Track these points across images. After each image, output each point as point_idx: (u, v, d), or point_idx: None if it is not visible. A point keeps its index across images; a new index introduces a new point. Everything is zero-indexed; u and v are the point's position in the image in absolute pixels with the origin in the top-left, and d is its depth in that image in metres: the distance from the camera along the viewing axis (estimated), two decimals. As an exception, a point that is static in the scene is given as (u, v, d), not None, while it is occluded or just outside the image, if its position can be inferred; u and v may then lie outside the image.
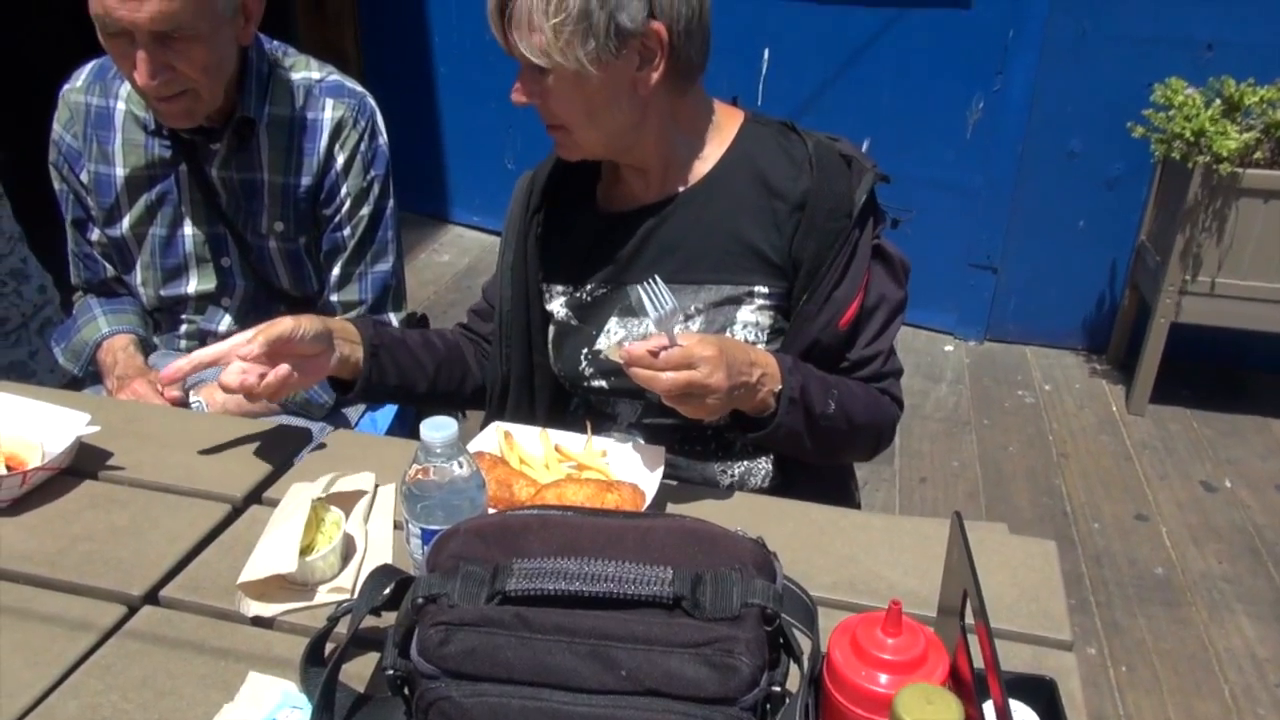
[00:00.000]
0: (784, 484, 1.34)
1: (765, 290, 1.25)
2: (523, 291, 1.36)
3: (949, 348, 3.56)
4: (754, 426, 1.20)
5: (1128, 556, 2.52)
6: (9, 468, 1.17)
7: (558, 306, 1.35)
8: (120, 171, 1.60)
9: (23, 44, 4.76)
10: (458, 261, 4.11)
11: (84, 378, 1.92)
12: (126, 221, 1.63)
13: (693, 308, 1.26)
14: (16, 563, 1.08)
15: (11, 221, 1.82)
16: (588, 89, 1.16)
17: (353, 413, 1.70)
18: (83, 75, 1.62)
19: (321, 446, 1.33)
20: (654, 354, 1.07)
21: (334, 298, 1.65)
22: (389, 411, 1.77)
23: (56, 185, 1.66)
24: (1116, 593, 2.40)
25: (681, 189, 1.28)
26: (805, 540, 1.14)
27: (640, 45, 1.13)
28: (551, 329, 1.38)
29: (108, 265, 1.71)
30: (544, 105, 1.20)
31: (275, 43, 1.61)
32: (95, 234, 1.68)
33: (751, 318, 1.26)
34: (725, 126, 1.29)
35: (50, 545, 1.11)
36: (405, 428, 1.83)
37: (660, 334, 1.09)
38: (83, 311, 1.71)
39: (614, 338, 1.30)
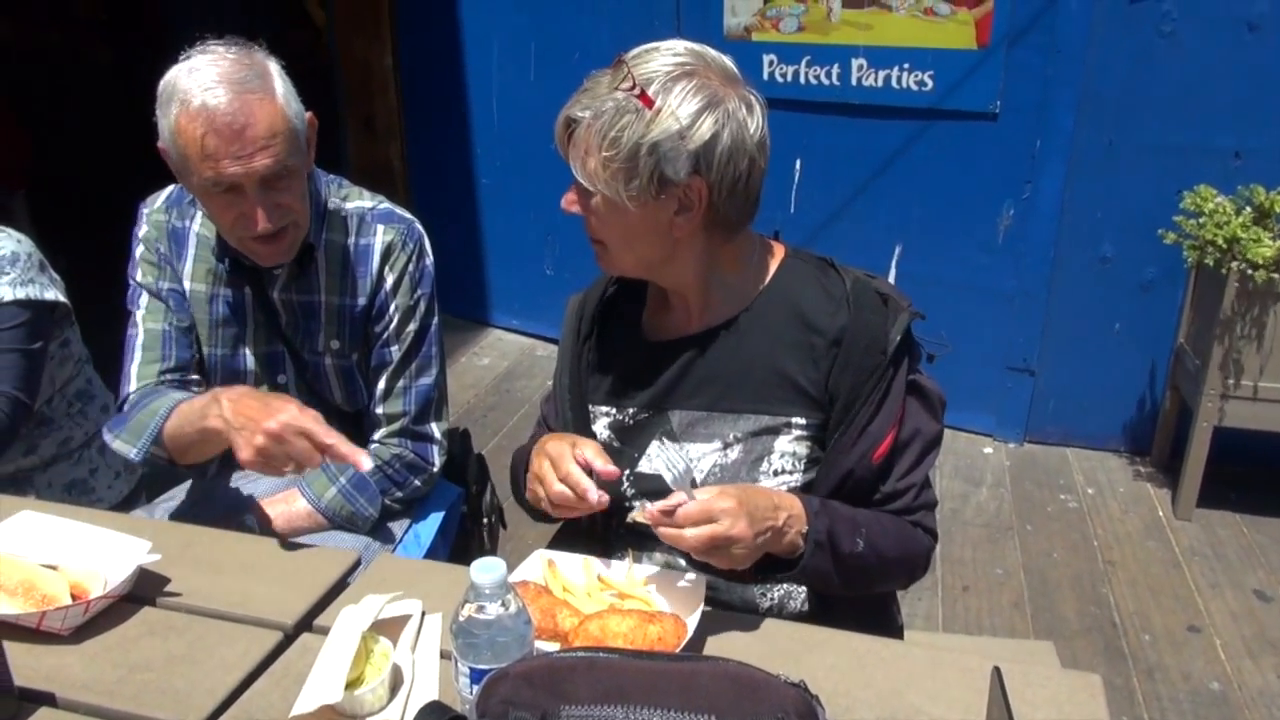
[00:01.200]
0: (823, 608, 1.35)
1: (802, 421, 1.29)
2: (581, 414, 1.40)
3: (988, 450, 3.54)
4: (782, 567, 1.23)
5: (1181, 670, 2.45)
6: (74, 597, 1.21)
7: (601, 428, 1.39)
8: (189, 288, 1.68)
9: (88, 172, 5.05)
10: (497, 365, 4.19)
11: (137, 494, 2.00)
12: (196, 336, 1.70)
13: (731, 436, 1.30)
14: (77, 692, 1.11)
15: (80, 345, 1.91)
16: (626, 219, 1.23)
17: (397, 528, 1.73)
18: (160, 198, 1.71)
19: (357, 565, 1.36)
20: (671, 511, 1.12)
21: (379, 410, 1.70)
22: (432, 524, 1.80)
23: (140, 277, 1.69)
24: (1171, 709, 2.33)
25: (722, 321, 1.33)
26: (846, 673, 1.14)
27: (681, 194, 1.20)
28: (595, 451, 1.41)
29: (178, 370, 1.77)
30: (587, 220, 1.28)
31: (332, 176, 1.71)
32: (175, 324, 1.71)
33: (789, 448, 1.29)
34: (766, 262, 1.34)
35: (109, 674, 1.14)
36: (447, 544, 1.85)
37: (679, 491, 1.14)
38: (153, 396, 1.63)
39: (655, 463, 1.34)
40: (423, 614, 1.23)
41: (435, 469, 1.74)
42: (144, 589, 1.28)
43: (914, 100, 3.29)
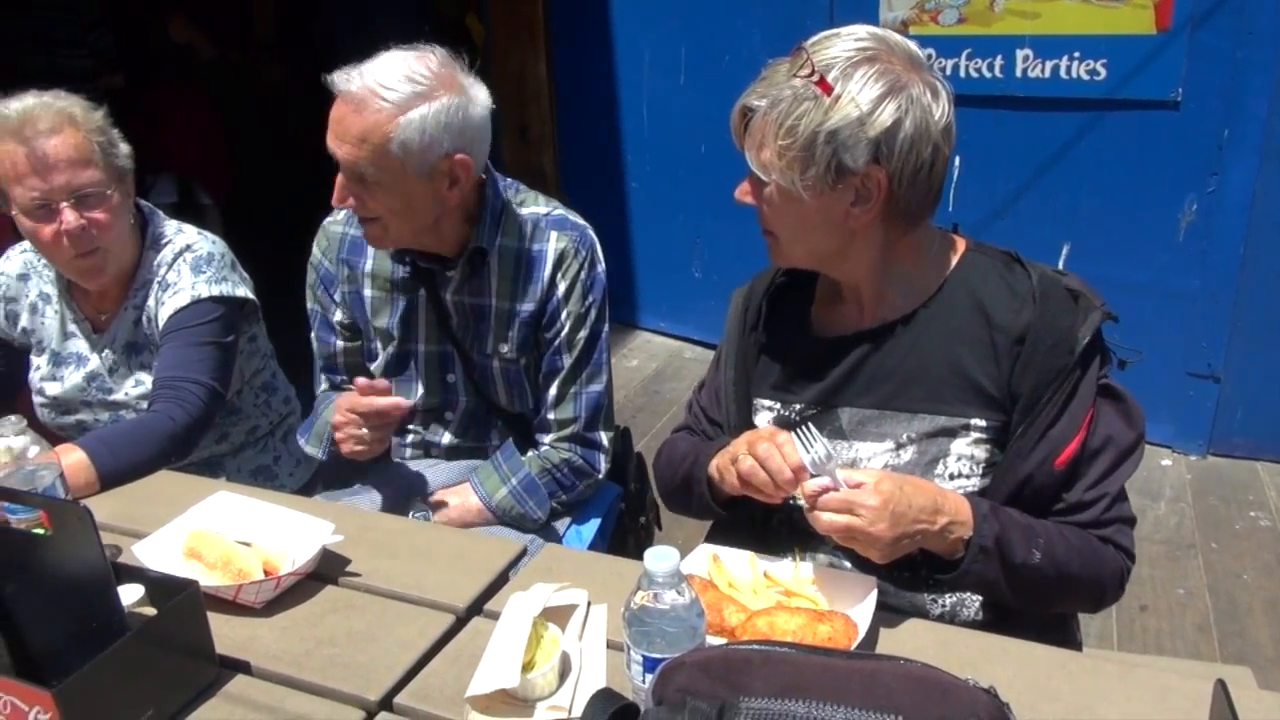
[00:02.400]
0: (998, 618, 1.28)
1: (981, 423, 1.23)
2: (745, 408, 1.39)
3: (1166, 462, 3.31)
4: (945, 569, 1.18)
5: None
6: (265, 573, 1.29)
7: (764, 422, 1.37)
8: (368, 292, 1.77)
9: (274, 188, 5.42)
10: (646, 366, 4.22)
11: (315, 481, 2.11)
12: (373, 335, 1.79)
13: (905, 436, 1.26)
14: (270, 662, 1.18)
15: (266, 340, 2.03)
16: (799, 209, 1.20)
17: (559, 525, 1.77)
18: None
19: (523, 555, 1.39)
20: (816, 493, 1.12)
21: (550, 415, 1.73)
22: (592, 525, 1.82)
23: (309, 304, 1.85)
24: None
25: (897, 316, 1.28)
26: (1030, 684, 1.08)
27: (859, 184, 1.17)
28: (758, 445, 1.40)
29: (347, 377, 1.88)
30: (760, 211, 1.27)
31: (509, 180, 1.75)
32: (339, 346, 1.84)
33: (966, 450, 1.23)
34: (946, 256, 1.29)
35: (297, 647, 1.21)
36: (605, 541, 1.87)
37: (826, 477, 1.13)
38: (323, 401, 1.85)
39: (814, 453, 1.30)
40: (588, 603, 1.24)
41: (600, 475, 1.77)
42: (327, 568, 1.35)
43: (1085, 90, 3.12)
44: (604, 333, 1.75)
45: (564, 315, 1.69)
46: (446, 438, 1.82)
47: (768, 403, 1.38)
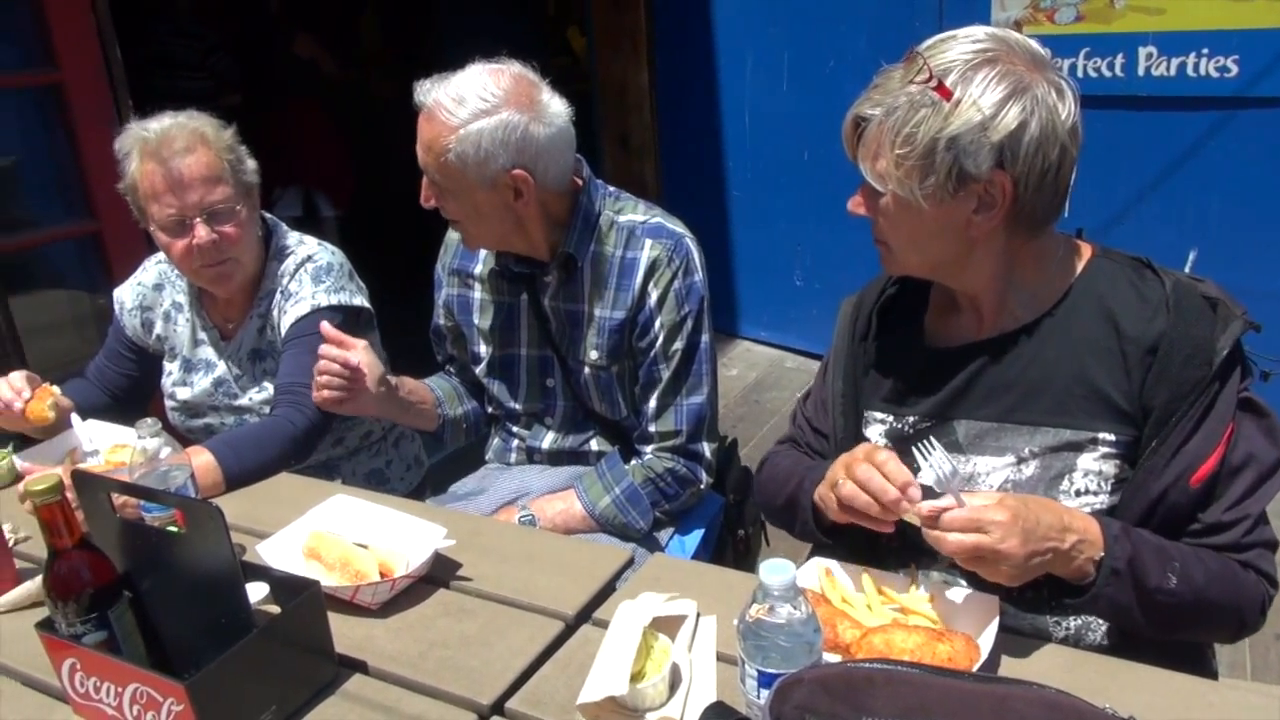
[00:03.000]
0: (1125, 643, 1.22)
1: (1111, 438, 1.17)
2: (854, 420, 1.36)
3: (1304, 481, 3.10)
4: (1072, 593, 1.12)
5: None
6: (381, 574, 1.32)
7: (876, 435, 1.34)
8: (476, 294, 1.82)
9: (388, 200, 5.61)
10: (746, 375, 4.19)
11: (424, 485, 2.16)
12: (478, 337, 1.83)
13: (1027, 450, 1.20)
14: (386, 663, 1.21)
15: (380, 348, 2.08)
16: (918, 218, 1.17)
17: (662, 535, 1.76)
18: None
19: (630, 564, 1.38)
20: (937, 513, 1.06)
21: (651, 428, 1.72)
22: (695, 536, 1.81)
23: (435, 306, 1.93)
24: None
25: (1018, 326, 1.23)
26: (1164, 714, 1.02)
27: (981, 190, 1.13)
28: (869, 459, 1.36)
29: (459, 372, 1.97)
30: (874, 221, 1.23)
31: (610, 189, 1.76)
32: (449, 347, 1.93)
33: (1094, 466, 1.17)
34: (1071, 262, 1.24)
35: (412, 649, 1.23)
36: (708, 552, 1.86)
37: (949, 494, 1.07)
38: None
39: (921, 463, 1.26)
40: (697, 614, 1.23)
41: (703, 485, 1.76)
42: (439, 572, 1.37)
43: (1214, 88, 2.97)
44: (703, 343, 1.73)
45: (658, 325, 1.69)
46: (547, 441, 1.84)
47: (879, 415, 1.34)
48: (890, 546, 1.34)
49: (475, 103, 1.52)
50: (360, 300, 1.94)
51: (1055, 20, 3.17)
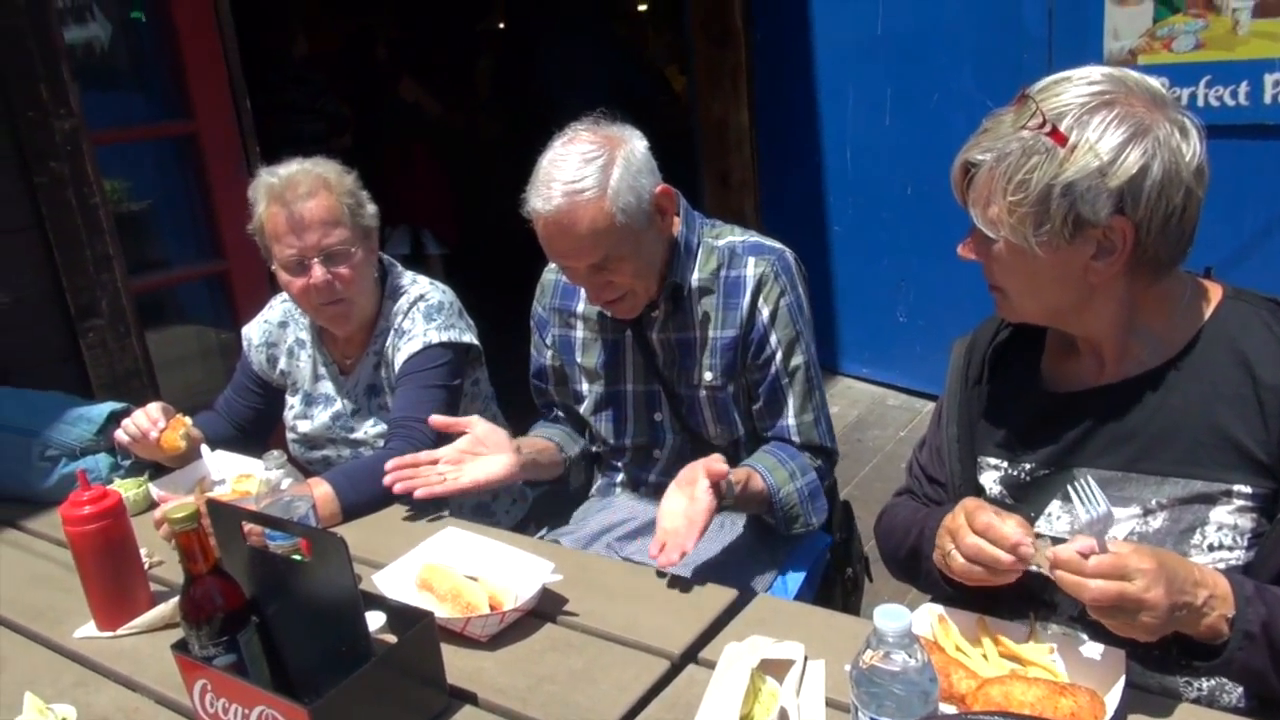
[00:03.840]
0: (1263, 706, 1.15)
1: (1247, 490, 1.11)
2: (970, 467, 1.33)
3: None
4: (1202, 654, 1.06)
5: None
6: (490, 607, 1.34)
7: (990, 482, 1.30)
8: (579, 334, 1.85)
9: (492, 239, 5.79)
10: (847, 413, 4.12)
11: (529, 519, 2.19)
12: (581, 376, 1.87)
13: (1154, 502, 1.15)
14: (495, 695, 1.23)
15: (488, 384, 2.14)
16: (1032, 265, 1.14)
17: (766, 576, 1.74)
18: None
19: (737, 602, 1.37)
20: (1083, 557, 1.00)
21: (796, 441, 1.73)
22: (799, 576, 1.79)
23: (531, 349, 1.96)
24: None
25: (1142, 371, 1.19)
26: (1314, 784, 0.96)
27: (1100, 236, 1.10)
28: (983, 505, 1.32)
29: (560, 413, 1.98)
30: (987, 267, 1.21)
31: (705, 219, 1.79)
32: (552, 387, 1.95)
33: (1228, 519, 1.12)
34: (1198, 305, 1.19)
35: (521, 682, 1.25)
36: (813, 592, 1.83)
37: (1089, 537, 1.01)
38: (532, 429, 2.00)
39: (1056, 524, 1.22)
40: (805, 658, 1.21)
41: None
42: (547, 606, 1.39)
43: (1350, 116, 2.82)
44: (815, 356, 1.76)
45: (774, 341, 1.70)
46: (654, 475, 1.85)
47: (993, 461, 1.31)
48: (1010, 592, 1.30)
49: (593, 166, 1.55)
50: (469, 337, 1.99)
51: (1173, 49, 3.07)
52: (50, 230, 2.35)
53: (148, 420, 1.82)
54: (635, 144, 1.61)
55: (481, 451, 1.67)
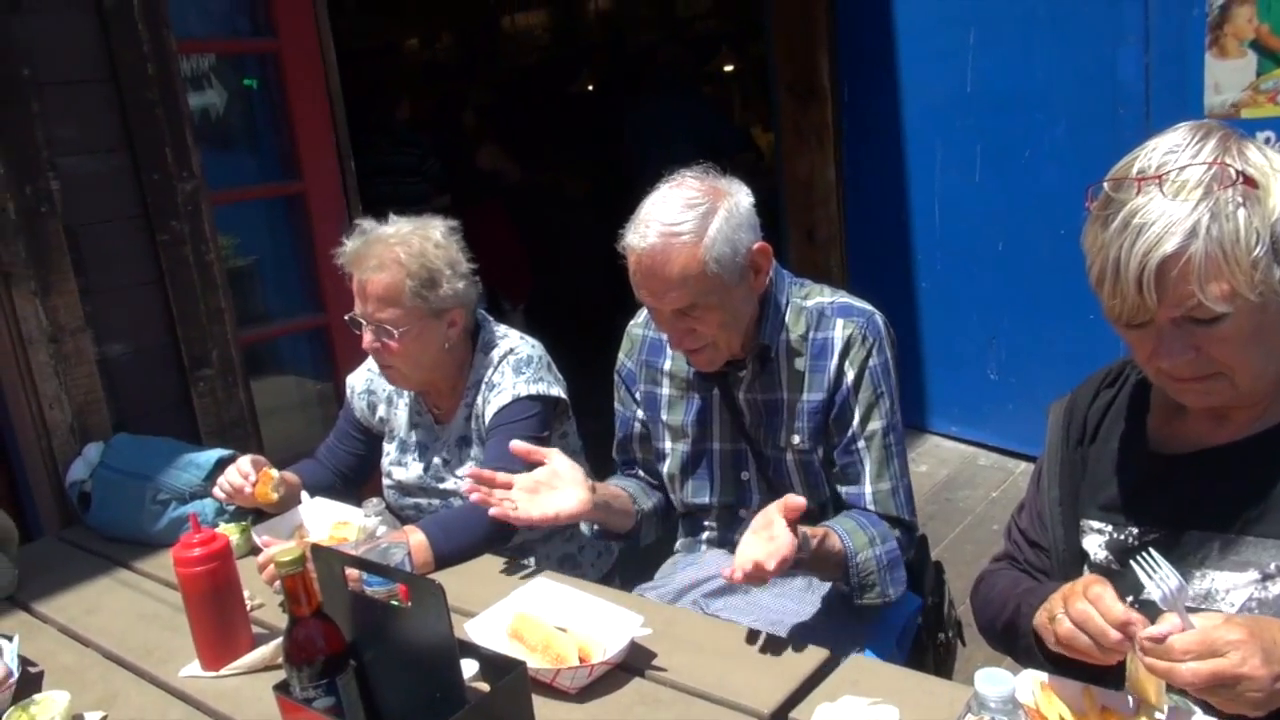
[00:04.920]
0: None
1: None
2: (1073, 531, 1.29)
3: None
4: None
5: None
6: (580, 659, 1.35)
7: (1095, 547, 1.26)
8: (665, 391, 1.86)
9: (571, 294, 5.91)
10: (936, 472, 4.03)
11: (614, 571, 2.19)
12: (665, 434, 1.87)
13: (1273, 566, 1.10)
14: (584, 749, 1.23)
15: (575, 436, 2.17)
16: (1264, 318, 1.06)
17: (856, 635, 1.71)
18: (643, 313, 1.93)
19: (828, 662, 1.35)
20: (1161, 639, 0.96)
21: (873, 510, 1.70)
22: (890, 633, 1.75)
23: (615, 405, 1.97)
24: None
25: (1263, 429, 1.15)
26: None
27: None
28: (1086, 571, 1.28)
29: (644, 471, 1.98)
30: (1205, 358, 1.08)
31: (792, 277, 1.79)
32: (637, 445, 1.95)
33: (1356, 584, 1.06)
34: None
35: (610, 736, 1.25)
36: (904, 654, 1.79)
37: (1173, 614, 0.98)
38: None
39: (1141, 576, 1.17)
40: (900, 723, 1.18)
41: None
42: (635, 660, 1.39)
43: None
44: (899, 423, 1.72)
45: (856, 405, 1.68)
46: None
47: (1097, 525, 1.27)
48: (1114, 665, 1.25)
49: (693, 212, 1.57)
50: (557, 391, 2.03)
51: (1278, 102, 2.99)
52: (169, 285, 2.48)
53: (240, 477, 1.89)
54: (740, 198, 1.62)
55: (557, 485, 1.66)
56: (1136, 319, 1.07)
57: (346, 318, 1.97)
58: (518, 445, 1.68)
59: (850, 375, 1.68)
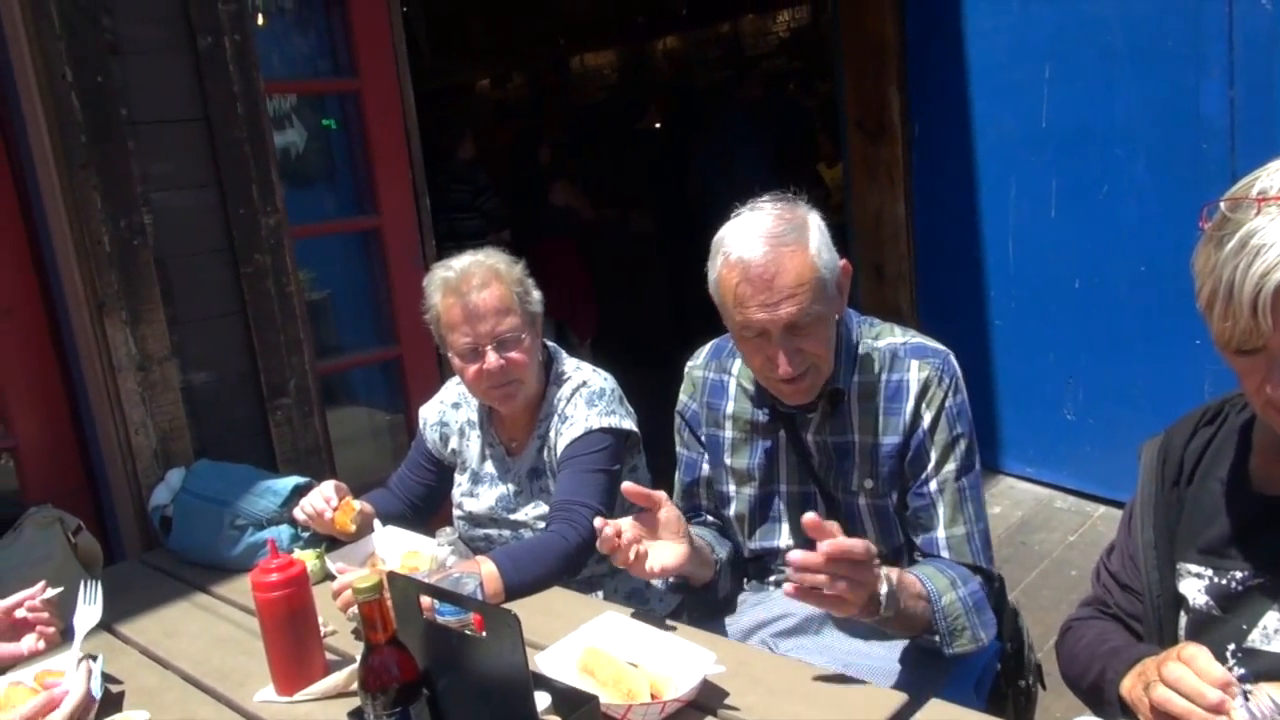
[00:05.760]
0: None
1: None
2: (1168, 574, 1.24)
3: None
4: None
5: None
6: (651, 696, 1.33)
7: (1194, 591, 1.21)
8: (727, 434, 1.83)
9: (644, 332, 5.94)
10: (1010, 515, 3.92)
11: (683, 608, 2.16)
12: (729, 478, 1.84)
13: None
14: (655, 788, 1.20)
15: (645, 471, 2.17)
16: None
17: (935, 679, 1.65)
18: (703, 354, 1.92)
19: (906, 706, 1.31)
20: None
21: (947, 556, 1.65)
22: (969, 681, 1.69)
23: (678, 448, 1.95)
24: None
25: None
26: None
27: None
28: (1184, 616, 1.23)
29: (709, 516, 1.94)
30: None
31: (862, 316, 1.76)
32: (702, 488, 1.91)
33: None
34: None
35: (681, 776, 1.22)
36: (982, 700, 1.73)
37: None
38: None
39: (1275, 639, 1.12)
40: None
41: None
42: (708, 698, 1.37)
43: None
44: (977, 462, 1.67)
45: (932, 448, 1.64)
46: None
47: (1196, 568, 1.21)
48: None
49: (788, 224, 1.55)
50: (630, 425, 2.02)
51: (1374, 135, 2.88)
52: (250, 316, 2.56)
53: (323, 501, 1.92)
54: (817, 219, 1.61)
55: (663, 536, 1.60)
56: (1247, 345, 1.02)
57: (452, 354, 1.99)
58: (630, 488, 1.58)
59: (927, 418, 1.64)
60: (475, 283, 1.93)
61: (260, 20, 2.71)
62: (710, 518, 1.95)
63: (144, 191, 2.36)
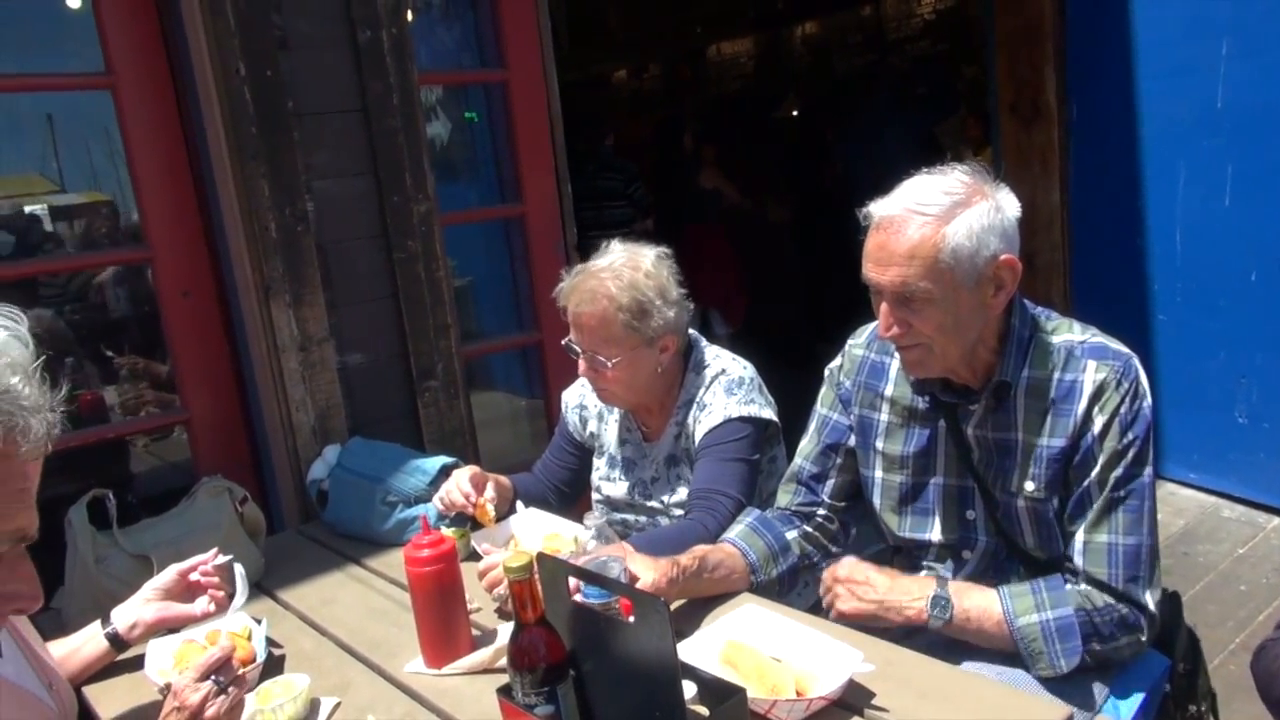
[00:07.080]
0: None
1: None
2: None
3: None
4: None
5: None
6: (796, 692, 1.31)
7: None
8: (883, 417, 1.77)
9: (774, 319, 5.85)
10: (1171, 522, 3.68)
11: (819, 601, 2.12)
12: (877, 462, 1.78)
13: None
14: (801, 785, 1.18)
15: (784, 462, 2.13)
16: None
17: (1097, 694, 1.56)
18: (865, 333, 1.86)
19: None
20: None
21: (1078, 561, 1.56)
22: (1135, 700, 1.59)
23: (821, 409, 1.87)
24: None
25: None
26: None
27: None
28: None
29: (826, 498, 1.85)
30: None
31: (1039, 309, 1.67)
32: (837, 464, 1.83)
33: None
34: None
35: (828, 775, 1.19)
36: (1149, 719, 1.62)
37: None
38: (767, 524, 1.83)
39: None
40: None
41: (1145, 638, 1.55)
42: (854, 697, 1.33)
43: None
44: (1146, 475, 1.55)
45: (1099, 454, 1.53)
46: (962, 578, 1.72)
47: None
48: None
49: (947, 198, 1.49)
50: (769, 414, 1.99)
51: None
52: (402, 300, 2.65)
53: (460, 496, 1.97)
54: (1006, 207, 1.53)
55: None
56: None
57: (564, 343, 2.03)
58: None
59: (1098, 423, 1.53)
60: (584, 297, 1.94)
61: (410, 15, 2.79)
62: (819, 513, 1.85)
63: (307, 180, 2.48)
